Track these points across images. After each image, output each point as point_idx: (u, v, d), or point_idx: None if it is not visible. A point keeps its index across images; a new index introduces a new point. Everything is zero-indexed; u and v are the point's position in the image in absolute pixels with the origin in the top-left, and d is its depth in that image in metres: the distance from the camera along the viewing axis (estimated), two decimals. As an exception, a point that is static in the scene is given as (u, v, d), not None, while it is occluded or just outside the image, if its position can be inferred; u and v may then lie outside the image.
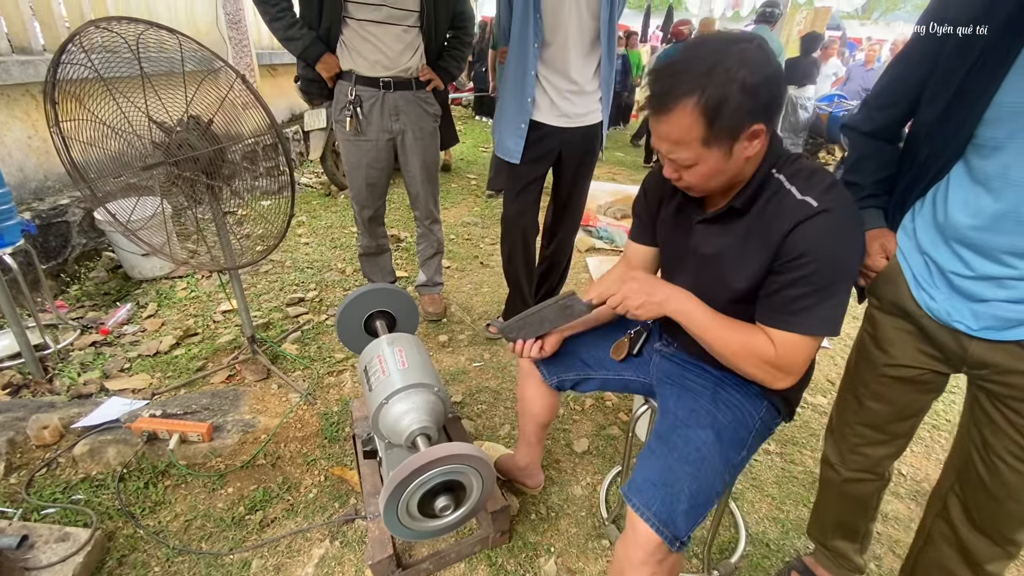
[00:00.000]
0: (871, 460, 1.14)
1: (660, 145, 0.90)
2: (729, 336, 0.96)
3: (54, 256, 2.46)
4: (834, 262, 0.87)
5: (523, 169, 2.01)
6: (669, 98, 0.83)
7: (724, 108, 0.80)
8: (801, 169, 0.92)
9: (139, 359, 2.05)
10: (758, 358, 0.94)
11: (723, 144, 0.85)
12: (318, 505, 1.50)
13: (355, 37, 1.89)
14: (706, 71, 0.80)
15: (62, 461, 1.53)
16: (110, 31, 1.35)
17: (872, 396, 1.08)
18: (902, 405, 1.06)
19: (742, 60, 0.80)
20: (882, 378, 1.05)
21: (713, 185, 0.93)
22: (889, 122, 1.02)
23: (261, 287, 2.67)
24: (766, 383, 0.97)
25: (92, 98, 1.43)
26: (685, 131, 0.84)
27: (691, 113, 0.82)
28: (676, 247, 1.10)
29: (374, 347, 1.33)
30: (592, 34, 1.84)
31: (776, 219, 0.89)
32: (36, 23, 2.52)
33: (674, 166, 0.91)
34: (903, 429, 1.10)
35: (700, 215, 1.02)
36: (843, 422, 1.17)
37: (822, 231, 0.85)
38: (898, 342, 1.01)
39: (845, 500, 1.23)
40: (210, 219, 1.69)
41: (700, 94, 0.80)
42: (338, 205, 3.91)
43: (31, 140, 2.47)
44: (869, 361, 1.07)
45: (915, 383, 1.02)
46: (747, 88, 0.80)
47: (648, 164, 6.09)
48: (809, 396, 2.15)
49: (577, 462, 1.73)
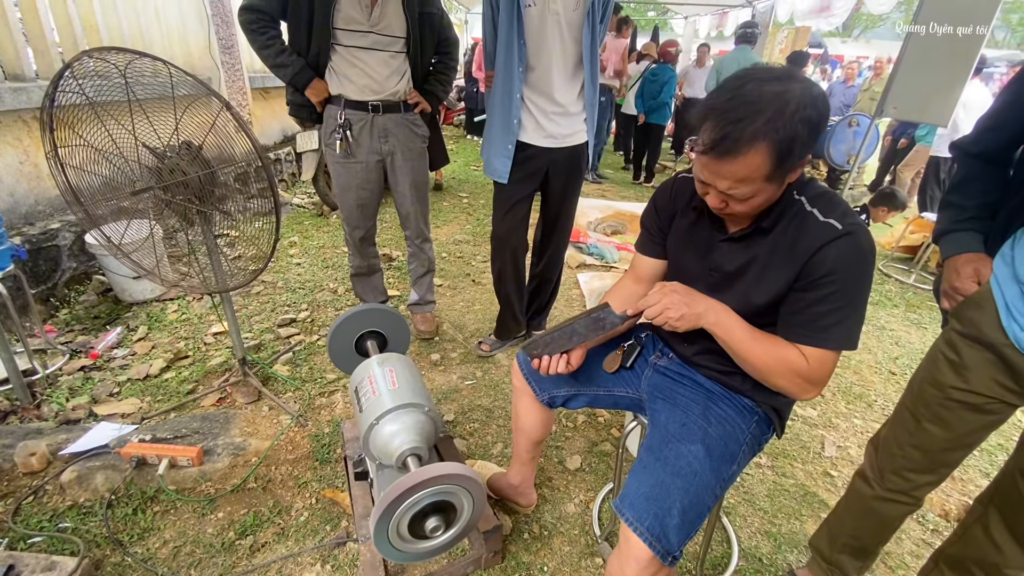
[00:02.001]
0: (911, 484, 1.12)
1: (718, 183, 0.90)
2: (765, 349, 0.98)
3: (44, 280, 2.46)
4: (858, 281, 0.92)
5: (511, 188, 2.04)
6: (741, 143, 0.83)
7: (793, 147, 0.84)
8: (821, 193, 0.97)
9: (129, 383, 2.04)
10: (792, 372, 0.97)
11: (781, 176, 0.89)
12: (309, 528, 1.49)
13: (343, 63, 1.93)
14: (777, 112, 0.82)
15: (49, 488, 1.52)
16: (104, 61, 1.37)
17: (932, 418, 1.06)
18: (960, 432, 1.03)
19: (803, 100, 0.83)
20: (948, 401, 1.03)
21: (759, 211, 0.96)
22: (999, 144, 1.00)
23: (252, 308, 2.67)
24: (794, 395, 1.00)
25: (84, 124, 1.45)
26: (754, 170, 0.86)
27: (763, 154, 0.84)
28: (691, 262, 1.11)
29: (365, 368, 1.34)
30: (575, 58, 1.90)
31: (801, 238, 0.94)
32: (29, 50, 2.55)
33: (723, 197, 0.93)
34: (952, 459, 1.08)
35: (723, 234, 1.05)
36: (893, 440, 1.14)
37: (848, 252, 0.90)
38: (975, 368, 0.99)
39: (869, 517, 1.21)
40: (201, 241, 1.70)
41: (774, 136, 0.82)
42: (330, 225, 3.93)
43: (22, 165, 2.49)
44: (938, 383, 1.05)
45: (980, 411, 1.00)
46: (811, 126, 0.84)
47: (637, 181, 6.17)
48: (799, 408, 2.17)
49: (570, 479, 1.73)
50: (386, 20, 1.90)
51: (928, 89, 3.51)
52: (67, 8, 2.68)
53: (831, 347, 0.94)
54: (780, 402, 1.12)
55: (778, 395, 1.11)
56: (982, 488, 1.82)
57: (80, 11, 2.80)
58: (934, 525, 1.66)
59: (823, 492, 1.74)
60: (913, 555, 1.54)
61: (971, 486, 1.83)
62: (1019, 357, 0.92)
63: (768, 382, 1.00)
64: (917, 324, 3.11)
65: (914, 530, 1.63)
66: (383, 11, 1.89)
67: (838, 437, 2.03)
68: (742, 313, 1.01)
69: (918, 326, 3.09)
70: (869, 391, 2.37)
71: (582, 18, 1.83)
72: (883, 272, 3.92)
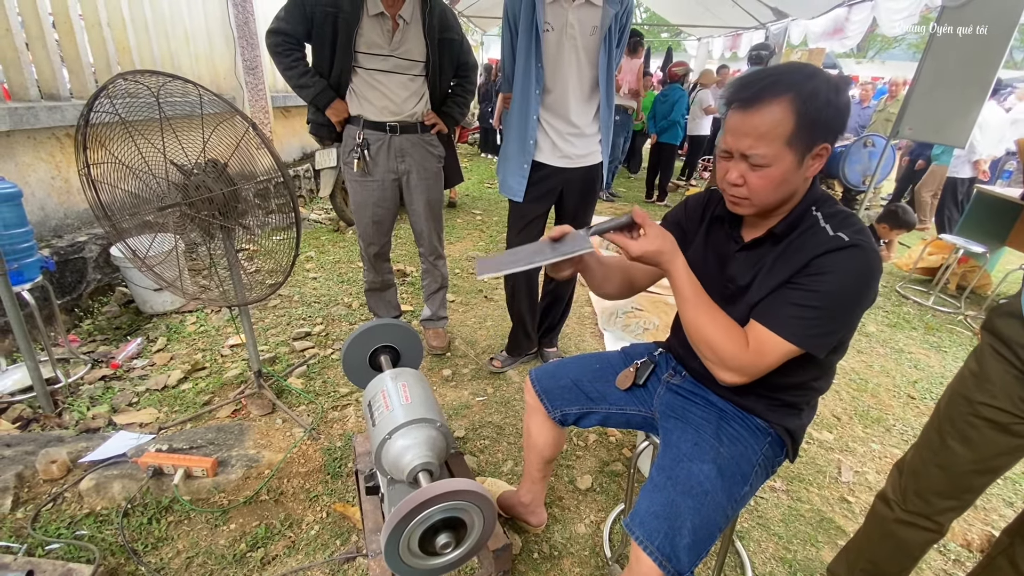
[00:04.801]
0: (932, 508, 1.10)
1: (740, 142, 0.92)
2: (708, 311, 0.99)
3: (69, 291, 2.53)
4: (847, 293, 0.92)
5: (526, 207, 2.07)
6: (766, 92, 0.89)
7: (814, 113, 0.88)
8: (838, 212, 0.98)
9: (147, 393, 2.07)
10: (726, 341, 0.97)
11: (800, 150, 0.91)
12: (320, 542, 1.49)
13: (363, 85, 1.99)
14: (804, 79, 0.88)
15: (68, 496, 1.55)
16: (137, 83, 1.44)
17: (957, 436, 1.04)
18: (985, 454, 1.01)
19: (830, 83, 0.89)
20: (973, 418, 1.01)
21: (773, 197, 0.96)
22: None
23: (269, 321, 2.72)
24: (715, 367, 1.00)
25: (115, 141, 1.51)
26: (775, 125, 0.89)
27: (786, 108, 0.88)
28: (710, 271, 1.11)
29: (378, 382, 1.35)
30: (591, 81, 1.93)
31: (807, 247, 0.95)
32: (65, 70, 2.67)
33: (742, 168, 0.94)
34: (976, 484, 1.05)
35: (739, 244, 1.07)
36: (918, 459, 1.12)
37: (848, 260, 0.91)
38: (1000, 383, 0.98)
39: (889, 541, 1.18)
40: (222, 254, 1.74)
41: (797, 93, 0.87)
42: (346, 240, 3.99)
43: (54, 180, 2.58)
44: (964, 398, 1.03)
45: (1007, 431, 0.98)
46: (832, 105, 0.88)
47: (650, 200, 6.19)
48: (815, 432, 2.14)
49: (580, 499, 1.72)
50: (406, 45, 1.96)
51: (944, 110, 3.50)
52: (101, 32, 2.81)
53: (780, 333, 0.94)
54: (794, 424, 1.11)
55: (791, 417, 1.10)
56: (1005, 517, 1.77)
57: (114, 34, 2.92)
58: (956, 555, 1.61)
59: (840, 518, 1.71)
60: (934, 586, 1.50)
61: (994, 515, 1.78)
62: None
63: (701, 344, 1.00)
64: (936, 348, 3.05)
65: (935, 560, 1.59)
66: (404, 36, 1.95)
67: (855, 462, 1.99)
68: (744, 314, 1.02)
69: (937, 349, 3.03)
70: (887, 415, 2.32)
71: (599, 43, 1.87)
72: (900, 294, 3.86)
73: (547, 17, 1.83)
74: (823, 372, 1.07)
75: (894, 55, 21.62)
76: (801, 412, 1.11)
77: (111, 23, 2.89)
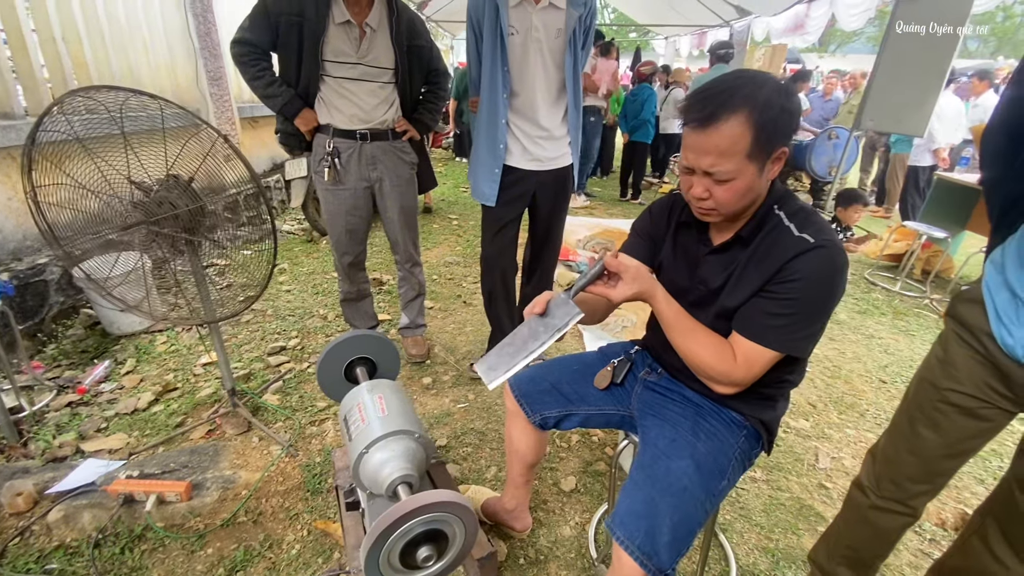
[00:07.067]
0: (906, 493, 1.12)
1: (701, 160, 0.93)
2: (693, 333, 1.03)
3: (31, 316, 2.44)
4: (819, 294, 0.95)
5: (499, 211, 2.07)
6: (722, 110, 0.89)
7: (770, 124, 0.89)
8: (800, 209, 1.01)
9: (116, 418, 2.01)
10: (718, 357, 1.01)
11: (760, 160, 0.93)
12: (301, 562, 1.46)
13: (332, 93, 1.96)
14: (756, 89, 0.89)
15: (36, 529, 1.48)
16: (93, 100, 1.39)
17: (926, 423, 1.06)
18: (954, 439, 1.03)
19: (779, 89, 0.91)
20: (941, 404, 1.03)
21: (739, 206, 0.98)
22: None
23: (242, 337, 2.66)
24: (712, 382, 1.04)
25: (71, 160, 1.45)
26: (734, 142, 0.90)
27: (743, 124, 0.89)
28: (680, 276, 1.14)
29: (354, 395, 1.33)
30: (558, 84, 1.94)
31: (775, 249, 0.98)
32: (19, 87, 2.57)
33: (706, 183, 0.96)
34: (947, 467, 1.07)
35: (708, 248, 1.09)
36: (890, 446, 1.14)
37: (817, 263, 0.94)
38: (965, 369, 0.99)
39: (866, 527, 1.20)
40: (190, 271, 1.70)
41: (752, 108, 0.88)
42: (320, 251, 3.93)
43: (10, 201, 2.48)
44: (932, 384, 1.05)
45: (974, 416, 1.00)
46: (786, 111, 0.90)
47: (624, 198, 6.24)
48: (791, 420, 2.18)
49: (565, 501, 1.72)
50: (374, 52, 1.94)
51: (902, 101, 3.63)
52: (56, 46, 2.72)
53: (765, 344, 0.97)
54: (768, 416, 1.12)
55: (766, 409, 1.12)
56: (977, 494, 1.83)
57: (69, 48, 2.83)
58: (931, 535, 1.65)
59: (819, 505, 1.74)
60: (912, 566, 1.54)
61: (966, 493, 1.84)
62: (1009, 363, 0.92)
63: (694, 359, 1.03)
64: (905, 332, 3.14)
65: (911, 540, 1.63)
66: (371, 44, 1.93)
67: (832, 448, 2.03)
68: (712, 313, 1.06)
69: (906, 334, 3.12)
70: (861, 400, 2.38)
71: (564, 45, 1.88)
72: (869, 281, 3.97)
73: (511, 21, 1.83)
74: (797, 366, 1.10)
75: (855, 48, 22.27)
76: (776, 404, 1.13)
77: (66, 37, 2.79)
